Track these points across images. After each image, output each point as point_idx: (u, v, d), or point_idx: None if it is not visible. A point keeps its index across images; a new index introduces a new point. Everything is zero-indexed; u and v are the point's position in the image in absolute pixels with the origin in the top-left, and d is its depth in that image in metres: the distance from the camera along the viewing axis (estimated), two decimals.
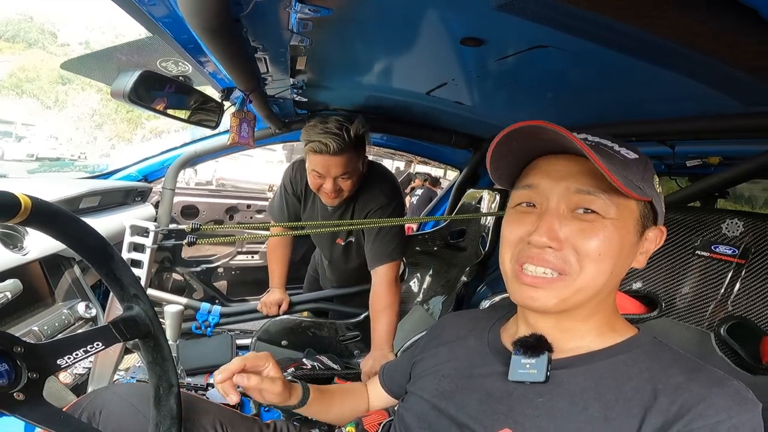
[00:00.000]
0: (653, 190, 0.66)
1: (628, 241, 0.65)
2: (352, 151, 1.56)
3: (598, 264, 0.63)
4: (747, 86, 0.71)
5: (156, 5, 0.72)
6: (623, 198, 0.63)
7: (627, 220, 0.64)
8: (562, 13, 0.56)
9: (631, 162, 0.65)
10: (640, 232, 0.67)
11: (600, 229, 0.63)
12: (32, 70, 30.07)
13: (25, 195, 0.59)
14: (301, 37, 0.83)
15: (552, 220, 0.65)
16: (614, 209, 0.63)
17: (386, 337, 1.70)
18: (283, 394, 0.92)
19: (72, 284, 1.47)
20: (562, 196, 0.65)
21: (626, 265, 0.67)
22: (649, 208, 0.67)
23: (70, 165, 12.70)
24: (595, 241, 0.63)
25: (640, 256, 0.69)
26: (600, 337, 0.69)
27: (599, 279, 0.64)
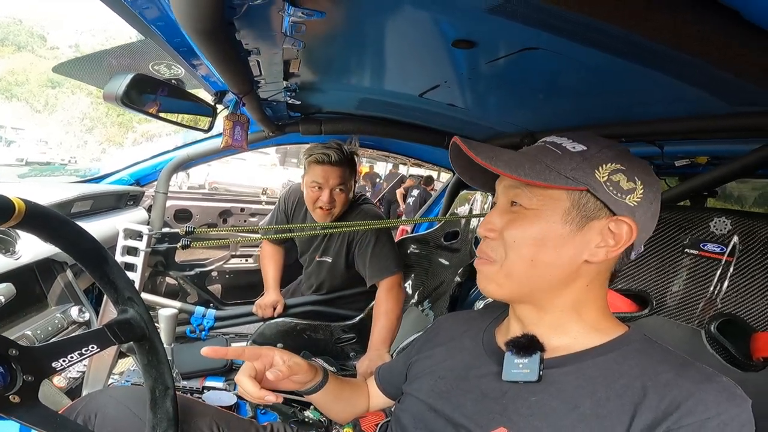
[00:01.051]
0: (591, 178, 0.65)
1: (552, 230, 0.66)
2: (348, 166, 1.82)
3: (516, 251, 0.68)
4: (733, 87, 0.72)
5: (149, 8, 0.72)
6: (543, 189, 0.67)
7: (552, 210, 0.67)
8: (551, 16, 0.57)
9: (569, 154, 0.67)
10: (578, 222, 0.66)
11: (520, 219, 0.69)
12: (21, 73, 29.72)
13: (19, 198, 0.59)
14: (294, 40, 0.84)
15: (493, 214, 0.73)
16: (536, 200, 0.68)
17: (383, 338, 1.74)
18: (310, 370, 0.92)
19: (65, 288, 1.46)
20: (503, 193, 0.73)
21: (560, 255, 0.67)
22: (590, 198, 0.65)
23: (61, 169, 12.59)
24: (514, 230, 0.69)
25: (598, 250, 0.66)
26: (590, 335, 0.70)
27: (519, 265, 0.68)
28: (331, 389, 0.96)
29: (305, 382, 0.92)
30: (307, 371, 0.91)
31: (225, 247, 2.91)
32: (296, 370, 0.88)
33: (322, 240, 2.05)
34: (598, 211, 0.66)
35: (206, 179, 10.12)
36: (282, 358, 0.88)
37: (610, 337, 0.69)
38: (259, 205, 3.13)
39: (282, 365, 0.86)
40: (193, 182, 8.31)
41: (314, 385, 0.94)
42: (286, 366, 0.86)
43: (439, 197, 2.78)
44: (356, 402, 1.03)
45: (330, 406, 1.00)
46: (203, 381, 1.70)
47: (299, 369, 0.89)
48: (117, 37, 38.49)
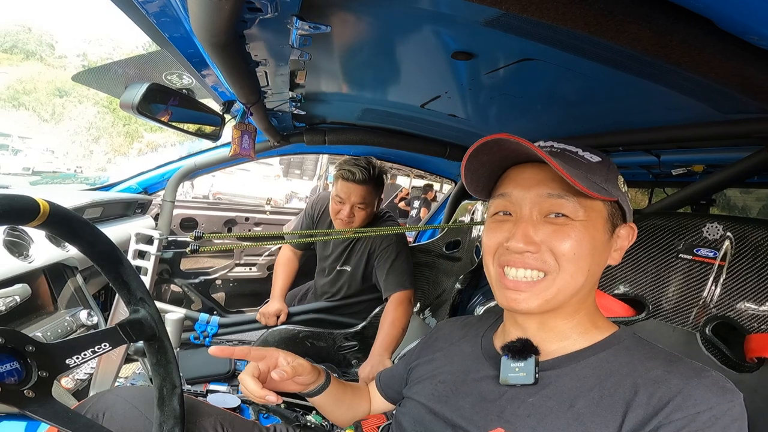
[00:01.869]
0: (618, 190, 0.70)
1: (599, 239, 0.69)
2: (372, 186, 1.89)
3: (575, 263, 0.67)
4: (721, 95, 0.75)
5: (167, 20, 0.76)
6: (589, 200, 0.67)
7: (596, 221, 0.68)
8: (544, 28, 0.60)
9: (595, 165, 0.70)
10: (611, 230, 0.71)
11: (572, 231, 0.67)
12: (29, 81, 30.03)
13: (44, 200, 0.62)
14: (301, 52, 0.87)
15: (527, 226, 0.69)
16: (582, 211, 0.67)
17: (386, 346, 1.76)
18: (313, 372, 0.93)
19: (74, 292, 1.49)
20: (534, 203, 0.69)
21: (602, 262, 0.71)
22: (616, 207, 0.71)
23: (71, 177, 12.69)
24: (569, 242, 0.67)
25: (615, 253, 0.72)
26: (583, 336, 0.72)
27: (578, 278, 0.68)
28: (333, 392, 0.98)
29: (308, 383, 0.93)
30: (311, 372, 0.92)
31: (229, 255, 2.94)
32: (300, 371, 0.90)
33: (344, 249, 2.12)
34: (619, 219, 0.72)
35: (210, 189, 10.18)
36: (286, 359, 0.89)
37: (601, 337, 0.71)
38: (263, 215, 3.16)
39: (286, 366, 0.87)
40: (197, 192, 8.36)
41: (317, 388, 0.95)
42: (291, 367, 0.87)
43: (441, 207, 2.81)
44: (357, 405, 1.04)
45: (332, 408, 1.01)
46: (207, 386, 1.72)
47: (303, 370, 0.90)
48: (124, 47, 38.96)
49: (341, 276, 2.17)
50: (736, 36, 0.49)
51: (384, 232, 1.88)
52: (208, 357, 1.92)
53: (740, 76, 0.55)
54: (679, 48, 0.49)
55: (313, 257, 2.93)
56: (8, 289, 1.16)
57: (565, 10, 0.46)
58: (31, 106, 28.95)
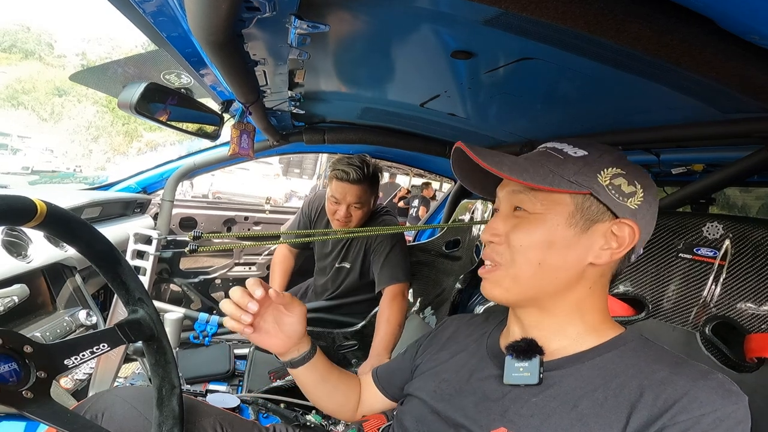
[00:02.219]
0: (594, 182, 0.67)
1: (558, 233, 0.68)
2: (367, 185, 1.86)
3: (523, 255, 0.70)
4: (722, 94, 0.75)
5: (165, 20, 0.76)
6: (549, 194, 0.69)
7: (557, 214, 0.69)
8: (543, 27, 0.60)
9: (573, 159, 0.70)
10: (583, 225, 0.68)
11: (525, 224, 0.71)
12: (29, 81, 30.01)
13: (41, 200, 0.62)
14: (300, 51, 0.87)
15: (497, 220, 0.75)
16: (539, 205, 0.70)
17: (385, 344, 1.76)
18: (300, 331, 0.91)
19: (73, 292, 1.49)
20: (506, 199, 0.75)
21: (568, 258, 0.69)
22: (593, 201, 0.68)
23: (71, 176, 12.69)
24: (520, 234, 0.71)
25: (602, 252, 0.68)
26: (589, 337, 0.71)
27: (526, 269, 0.70)
28: (318, 367, 0.96)
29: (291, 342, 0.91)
30: (298, 324, 0.90)
31: (229, 255, 2.93)
32: (289, 306, 0.89)
33: (343, 247, 2.13)
34: (601, 215, 0.68)
35: (210, 189, 10.18)
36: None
37: (607, 338, 0.70)
38: (262, 214, 3.16)
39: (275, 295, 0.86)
40: (196, 192, 8.37)
41: (301, 355, 0.93)
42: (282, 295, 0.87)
43: (441, 206, 2.81)
44: (345, 391, 1.02)
45: (315, 387, 0.98)
46: (206, 386, 1.72)
47: (292, 308, 0.89)
48: (123, 46, 38.93)
49: (341, 273, 2.17)
50: (736, 35, 0.49)
51: (382, 231, 1.87)
52: (207, 357, 1.93)
53: (741, 75, 0.55)
54: (680, 47, 0.48)
55: (311, 256, 2.94)
56: (7, 290, 1.15)
57: (565, 9, 0.45)
58: (30, 105, 28.93)
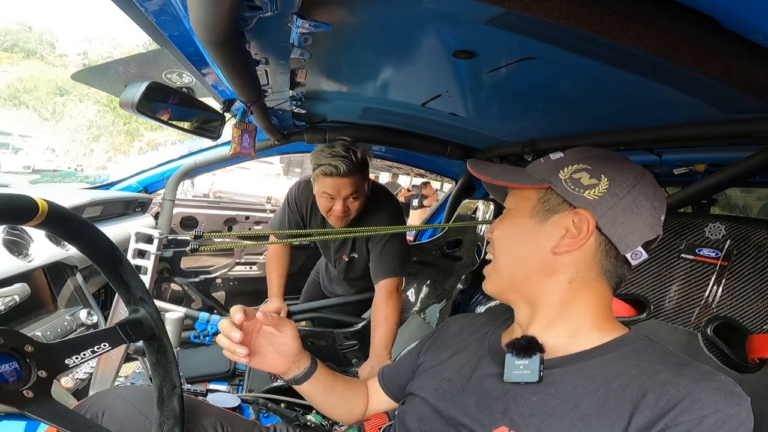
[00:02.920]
0: (554, 177, 0.73)
1: (523, 224, 0.75)
2: (359, 173, 1.69)
3: (500, 246, 0.78)
4: (724, 94, 0.75)
5: (167, 19, 0.76)
6: (521, 190, 0.77)
7: (523, 208, 0.76)
8: (546, 27, 0.60)
9: (549, 161, 0.76)
10: (544, 216, 0.74)
11: (503, 218, 0.80)
12: (30, 80, 30.07)
13: (42, 199, 0.62)
14: (301, 50, 0.87)
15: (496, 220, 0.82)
16: (513, 201, 0.78)
17: (384, 344, 1.74)
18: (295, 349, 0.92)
19: (74, 291, 1.49)
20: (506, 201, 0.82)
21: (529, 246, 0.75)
22: (552, 194, 0.73)
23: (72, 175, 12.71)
24: (498, 229, 0.79)
25: (562, 241, 0.71)
26: (590, 336, 0.71)
27: (503, 259, 0.78)
28: (321, 380, 0.96)
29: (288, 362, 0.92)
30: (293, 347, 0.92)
31: (230, 254, 2.94)
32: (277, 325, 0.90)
33: (346, 239, 2.02)
34: (559, 206, 0.72)
35: (211, 188, 10.19)
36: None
37: (610, 338, 0.70)
38: (263, 213, 3.16)
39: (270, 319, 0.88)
40: (197, 191, 8.36)
41: (302, 372, 0.93)
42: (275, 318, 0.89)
43: (442, 206, 2.81)
44: (351, 398, 1.02)
45: (321, 398, 0.99)
46: (206, 385, 1.72)
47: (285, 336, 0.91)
48: (124, 45, 39.01)
49: (353, 263, 2.12)
50: (740, 35, 0.49)
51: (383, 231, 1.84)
52: (208, 356, 1.93)
53: (744, 75, 0.54)
54: (684, 47, 0.48)
55: (311, 255, 2.96)
56: (7, 289, 1.15)
57: (569, 8, 0.45)
58: (32, 104, 28.98)
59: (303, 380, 0.94)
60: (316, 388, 0.97)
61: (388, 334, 1.76)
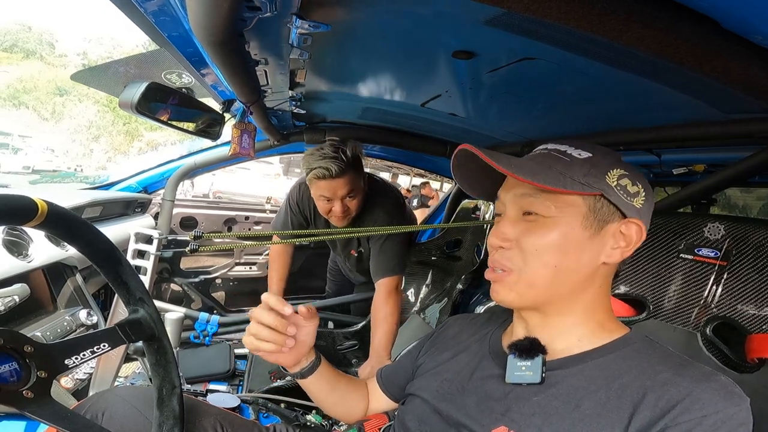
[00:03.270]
0: (603, 183, 0.68)
1: (573, 235, 0.68)
2: (353, 171, 1.67)
3: (538, 259, 0.69)
4: (723, 94, 0.75)
5: (166, 20, 0.76)
6: (562, 196, 0.68)
7: (571, 217, 0.68)
8: (545, 27, 0.60)
9: (579, 161, 0.69)
10: (596, 226, 0.68)
11: (539, 228, 0.69)
12: (30, 80, 30.09)
13: (42, 200, 0.62)
14: (301, 51, 0.87)
15: (505, 224, 0.73)
16: (553, 208, 0.69)
17: (384, 344, 1.74)
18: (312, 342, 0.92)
19: (74, 292, 1.49)
20: (513, 202, 0.73)
21: (583, 259, 0.69)
22: (604, 203, 0.68)
23: (72, 176, 12.69)
24: (533, 238, 0.69)
25: (613, 251, 0.69)
26: (592, 338, 0.71)
27: (543, 273, 0.69)
28: (325, 375, 0.95)
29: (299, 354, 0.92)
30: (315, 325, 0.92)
31: (230, 254, 2.94)
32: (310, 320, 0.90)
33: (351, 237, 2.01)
34: (611, 215, 0.69)
35: (210, 188, 10.17)
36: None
37: (611, 339, 0.70)
38: (263, 214, 3.16)
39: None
40: (197, 191, 8.34)
41: (307, 365, 0.93)
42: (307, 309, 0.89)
43: (441, 206, 2.81)
44: (353, 398, 1.02)
45: (325, 395, 0.99)
46: (206, 386, 1.72)
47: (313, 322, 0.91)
48: (124, 46, 39.03)
49: (362, 257, 2.12)
50: (740, 35, 0.49)
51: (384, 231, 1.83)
52: (207, 356, 1.93)
53: (744, 75, 0.54)
54: (683, 47, 0.48)
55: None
56: (7, 289, 1.16)
57: (568, 8, 0.45)
58: (32, 104, 29.00)
59: (308, 374, 0.94)
60: (320, 384, 0.96)
61: (388, 334, 1.76)
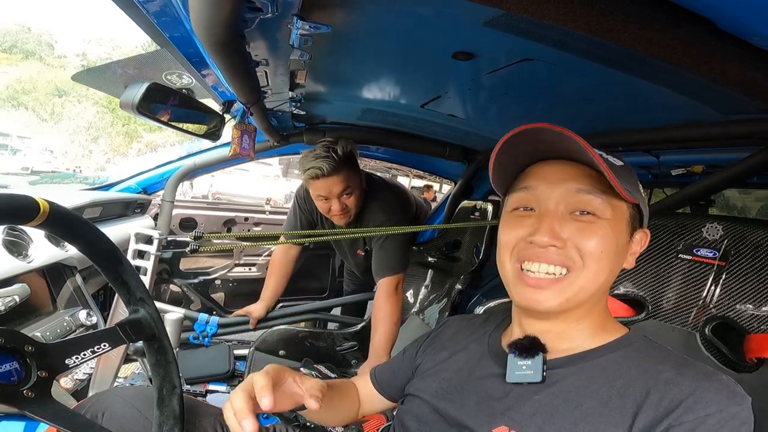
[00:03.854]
0: (639, 193, 0.70)
1: (621, 240, 0.68)
2: (346, 168, 1.69)
3: (599, 262, 0.66)
4: (720, 95, 0.75)
5: (167, 20, 0.76)
6: (617, 200, 0.67)
7: (620, 221, 0.68)
8: (544, 28, 0.60)
9: (619, 168, 0.69)
10: (630, 233, 0.70)
11: (599, 229, 0.66)
12: (29, 81, 30.10)
13: (43, 199, 0.62)
14: (301, 52, 0.87)
15: (553, 220, 0.67)
16: (610, 210, 0.66)
17: (384, 344, 1.74)
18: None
19: (74, 292, 1.49)
20: (562, 198, 0.68)
21: (620, 264, 0.71)
22: (636, 211, 0.71)
23: (71, 176, 12.66)
24: (595, 240, 0.66)
25: (630, 257, 0.72)
26: (593, 337, 0.71)
27: (599, 277, 0.67)
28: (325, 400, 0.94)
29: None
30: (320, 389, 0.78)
31: (229, 255, 2.94)
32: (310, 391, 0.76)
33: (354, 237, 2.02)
34: (638, 223, 0.71)
35: (210, 189, 10.16)
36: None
37: (611, 338, 0.70)
38: (263, 215, 3.16)
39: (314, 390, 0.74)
40: (196, 192, 8.34)
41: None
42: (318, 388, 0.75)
43: (441, 207, 2.81)
44: (347, 407, 1.01)
45: (322, 416, 0.99)
46: (206, 386, 1.73)
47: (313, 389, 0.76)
48: (123, 47, 39.06)
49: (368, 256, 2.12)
50: (736, 36, 0.49)
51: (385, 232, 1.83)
52: (207, 357, 1.93)
53: (740, 76, 0.55)
54: (680, 48, 0.49)
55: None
56: (7, 289, 1.16)
57: (566, 10, 0.46)
58: (31, 105, 28.99)
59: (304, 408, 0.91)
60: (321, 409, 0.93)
61: (388, 334, 1.76)
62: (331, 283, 3.23)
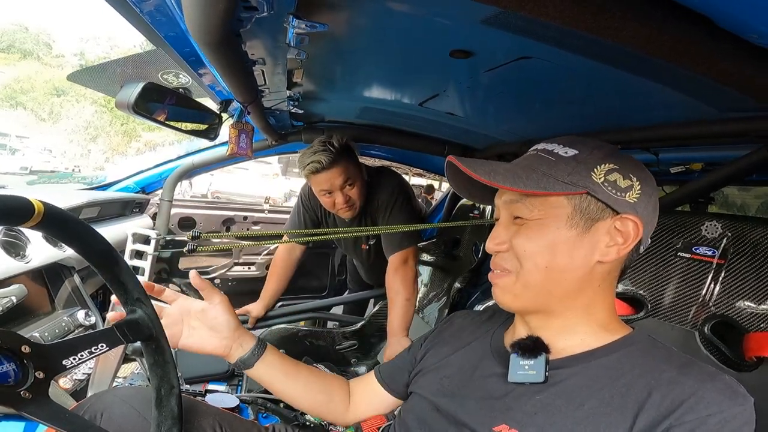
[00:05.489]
0: (589, 180, 0.67)
1: (560, 235, 0.68)
2: (345, 159, 1.69)
3: (530, 260, 0.70)
4: (719, 93, 0.75)
5: (162, 20, 0.76)
6: (542, 198, 0.69)
7: (555, 217, 0.68)
8: (541, 26, 0.60)
9: (564, 159, 0.69)
10: (584, 224, 0.68)
11: (526, 230, 0.71)
12: (27, 81, 30.08)
13: (38, 200, 0.61)
14: (298, 50, 0.87)
15: (498, 229, 0.75)
16: (537, 210, 0.69)
17: (399, 323, 1.72)
18: (229, 322, 0.96)
19: (72, 292, 1.48)
20: (504, 208, 0.75)
21: (575, 259, 0.68)
22: (591, 200, 0.67)
23: (69, 176, 12.66)
24: (522, 240, 0.70)
25: (609, 249, 0.68)
26: (595, 336, 0.71)
27: (536, 274, 0.70)
28: (277, 365, 0.95)
29: (220, 340, 0.94)
30: (225, 311, 0.96)
31: (228, 254, 2.93)
32: (210, 297, 0.95)
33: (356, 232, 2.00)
34: (601, 212, 0.67)
35: (209, 188, 10.17)
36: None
37: (615, 338, 0.70)
38: (261, 214, 3.16)
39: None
40: (195, 191, 8.35)
41: (249, 351, 0.93)
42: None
43: (440, 206, 2.81)
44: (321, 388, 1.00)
45: (282, 386, 0.97)
46: (205, 386, 1.72)
47: (215, 299, 0.96)
48: (121, 46, 39.02)
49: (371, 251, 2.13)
50: (735, 34, 0.49)
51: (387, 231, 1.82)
52: (206, 356, 1.92)
53: (739, 74, 0.55)
54: (678, 46, 0.48)
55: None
56: (5, 290, 1.15)
57: (563, 7, 0.45)
58: (29, 105, 28.97)
59: (252, 361, 0.93)
60: (272, 374, 0.95)
61: (403, 311, 1.74)
62: (331, 281, 3.23)
